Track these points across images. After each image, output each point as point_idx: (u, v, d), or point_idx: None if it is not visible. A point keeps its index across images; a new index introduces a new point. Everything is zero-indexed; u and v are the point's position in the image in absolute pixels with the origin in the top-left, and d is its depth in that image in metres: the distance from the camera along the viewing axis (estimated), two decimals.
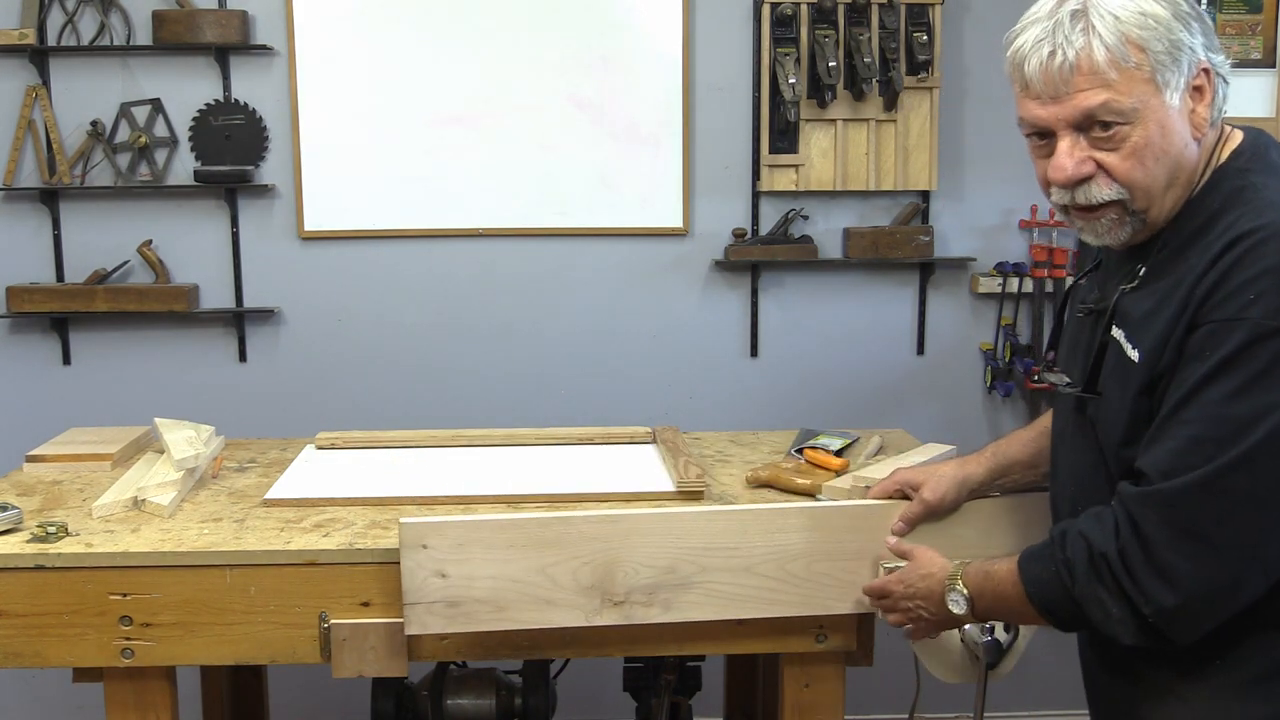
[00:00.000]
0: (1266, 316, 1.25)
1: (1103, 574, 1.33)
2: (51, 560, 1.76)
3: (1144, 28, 1.33)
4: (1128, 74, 1.33)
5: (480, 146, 3.04)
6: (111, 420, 2.78)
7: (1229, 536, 1.27)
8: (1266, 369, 1.24)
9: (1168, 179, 1.38)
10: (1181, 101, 1.35)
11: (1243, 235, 1.29)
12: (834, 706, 1.92)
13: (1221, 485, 1.26)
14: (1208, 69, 1.36)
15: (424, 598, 1.74)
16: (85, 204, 3.02)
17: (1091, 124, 1.37)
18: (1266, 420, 1.24)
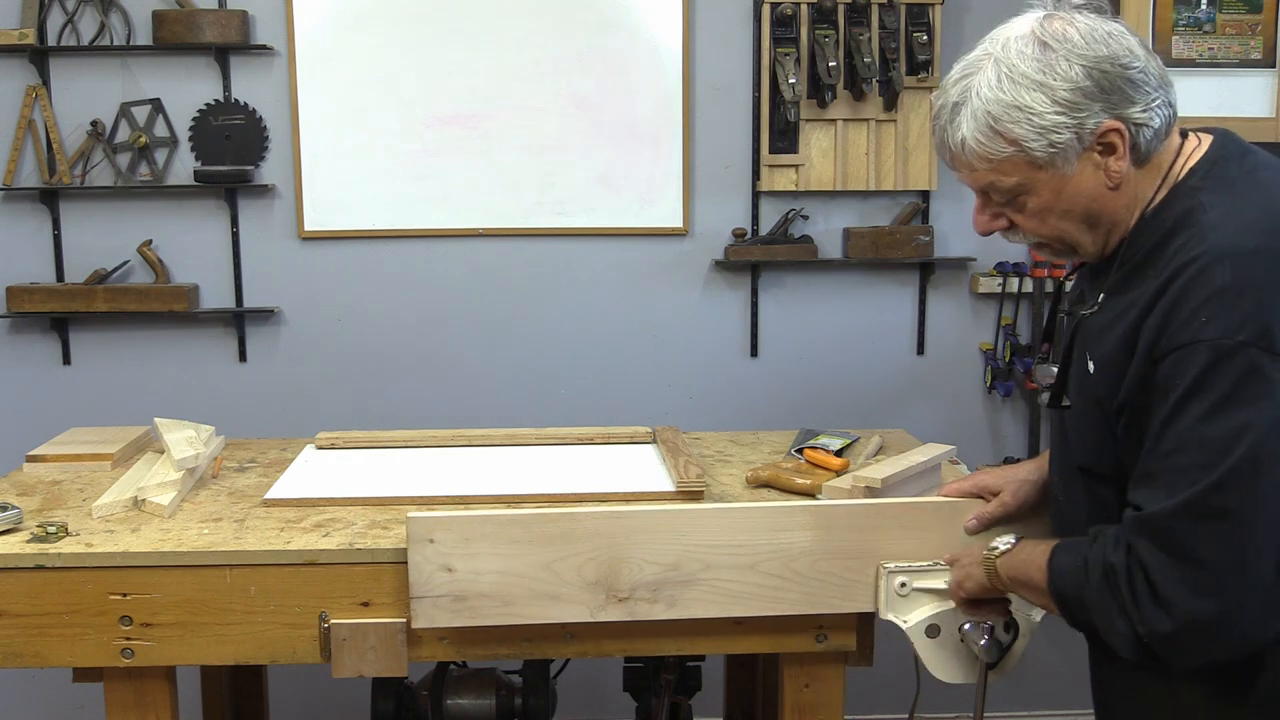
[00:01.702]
0: (1223, 335, 1.26)
1: (1111, 586, 1.35)
2: (51, 560, 1.76)
3: (1014, 121, 1.38)
4: (1002, 162, 1.41)
5: (480, 146, 3.04)
6: (111, 420, 2.78)
7: (1221, 559, 1.28)
8: (1234, 387, 1.26)
9: (1084, 226, 1.45)
10: (1083, 165, 1.40)
11: (1187, 263, 1.32)
12: (834, 706, 1.92)
13: (1210, 508, 1.27)
14: (1115, 128, 1.38)
15: (430, 592, 1.74)
16: (85, 204, 3.02)
17: (990, 193, 1.46)
18: (1243, 438, 1.25)
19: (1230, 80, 2.89)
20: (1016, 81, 1.38)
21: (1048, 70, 1.37)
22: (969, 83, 1.42)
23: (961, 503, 1.83)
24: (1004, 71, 1.39)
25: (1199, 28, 2.87)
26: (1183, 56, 2.87)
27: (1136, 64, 1.38)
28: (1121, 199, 1.42)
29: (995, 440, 3.22)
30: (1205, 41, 2.88)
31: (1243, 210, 1.34)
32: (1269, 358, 1.25)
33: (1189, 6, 2.86)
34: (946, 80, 1.47)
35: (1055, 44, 1.38)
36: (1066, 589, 1.43)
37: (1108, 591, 1.35)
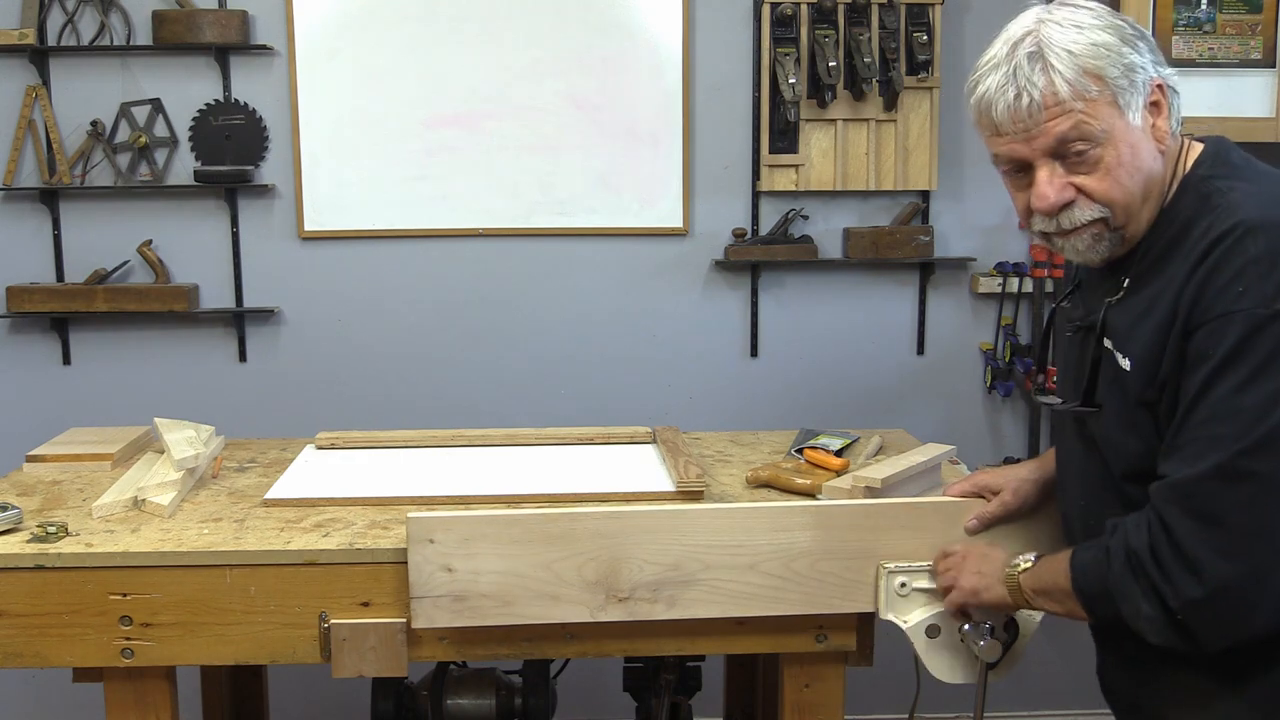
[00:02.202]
0: (1259, 305, 1.27)
1: (1135, 569, 1.35)
2: (51, 560, 1.76)
3: (1098, 57, 1.40)
4: (1091, 101, 1.40)
5: (480, 146, 3.04)
6: (111, 420, 2.78)
7: (1251, 523, 1.28)
8: (1270, 355, 1.27)
9: (1143, 193, 1.44)
10: (1143, 119, 1.43)
11: (1222, 235, 1.33)
12: (834, 706, 1.92)
13: (1239, 472, 1.27)
14: (1161, 84, 1.44)
15: (430, 592, 1.74)
16: (85, 204, 3.02)
17: (1066, 151, 1.43)
18: (1278, 406, 1.26)
19: (1230, 80, 2.89)
20: (1085, 28, 1.41)
21: (1104, 18, 1.43)
22: (1038, 38, 1.41)
23: (962, 502, 1.83)
24: (1070, 22, 1.42)
25: (1199, 28, 2.87)
26: (1183, 56, 2.87)
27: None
28: (1163, 171, 1.45)
29: (995, 440, 3.22)
30: (1205, 41, 2.88)
31: (1263, 189, 1.37)
32: None
33: (1189, 6, 2.86)
34: (992, 57, 1.45)
35: (1094, 6, 1.44)
36: (1090, 585, 1.43)
37: (1131, 575, 1.35)
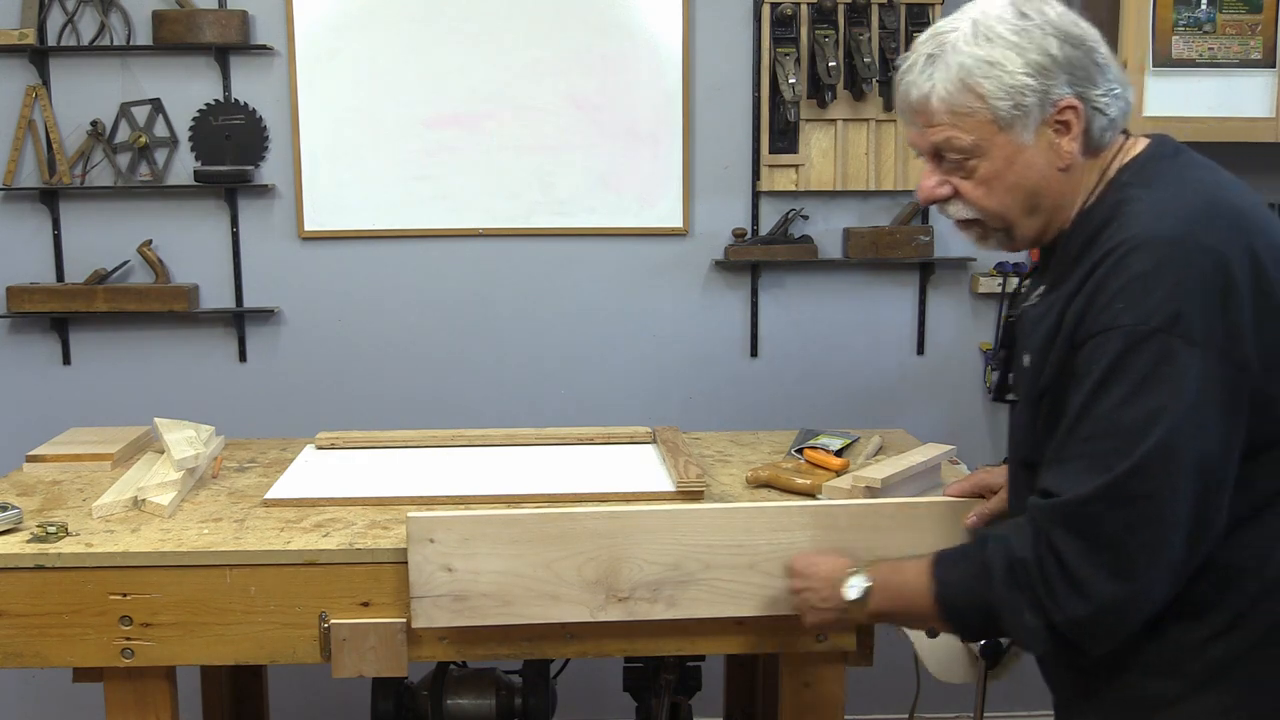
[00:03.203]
0: (1138, 321, 1.29)
1: (1020, 581, 1.36)
2: (51, 560, 1.76)
3: (986, 75, 1.41)
4: (965, 116, 1.43)
5: (480, 146, 3.04)
6: (111, 420, 2.78)
7: (1134, 544, 1.30)
8: (1148, 372, 1.28)
9: (1025, 206, 1.46)
10: (1038, 138, 1.43)
11: (1109, 251, 1.35)
12: (834, 706, 1.92)
13: (1122, 494, 1.29)
14: (1073, 105, 1.42)
15: (430, 591, 1.74)
16: (85, 204, 3.02)
17: (944, 155, 1.47)
18: (1157, 424, 1.28)
19: (1230, 80, 2.89)
20: (992, 40, 1.42)
21: (1023, 34, 1.41)
22: (945, 38, 1.45)
23: (961, 502, 1.83)
24: (981, 30, 1.43)
25: (1199, 28, 2.87)
26: (1183, 56, 2.87)
27: (1103, 51, 1.45)
28: (1066, 185, 1.46)
29: (995, 440, 3.22)
30: (1205, 41, 2.87)
31: (1166, 201, 1.37)
32: (1182, 344, 1.27)
33: (1189, 6, 2.86)
34: (918, 40, 1.50)
35: (1033, 14, 1.43)
36: (958, 600, 1.44)
37: (1016, 588, 1.36)
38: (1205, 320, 1.28)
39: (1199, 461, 1.28)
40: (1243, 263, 1.31)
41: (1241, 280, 1.30)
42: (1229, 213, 1.35)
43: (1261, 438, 1.32)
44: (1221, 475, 1.31)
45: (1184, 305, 1.28)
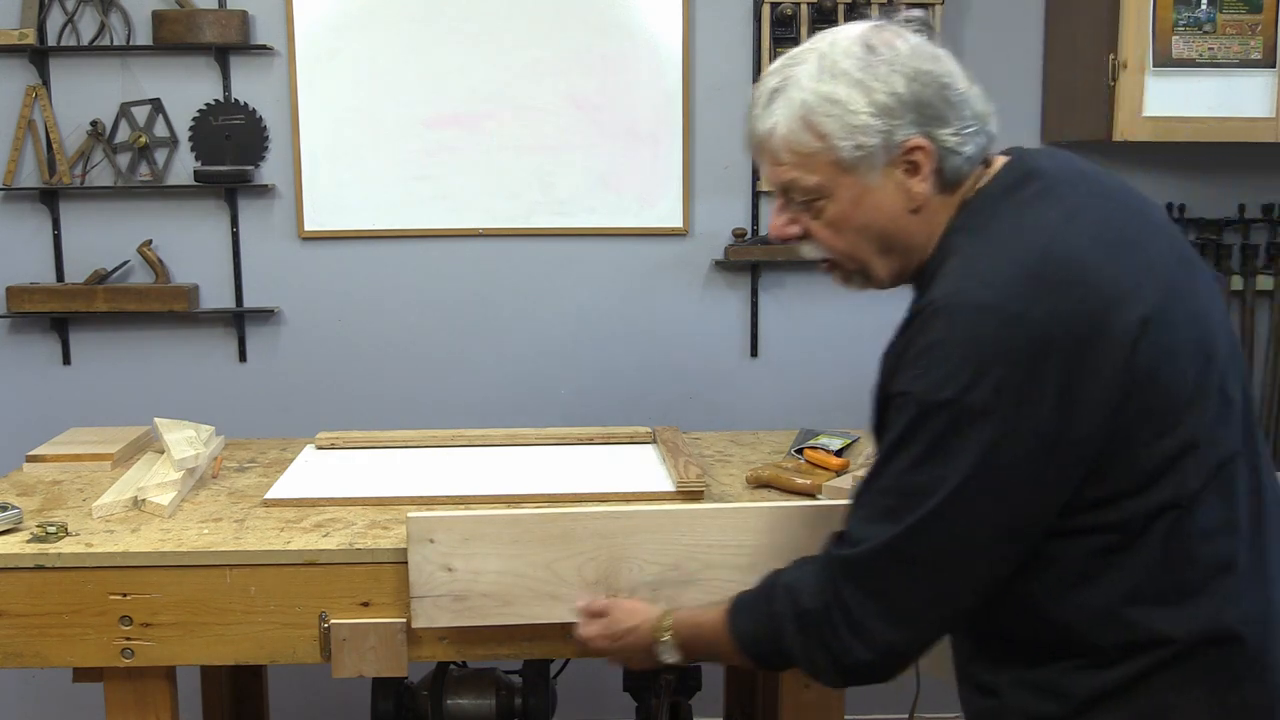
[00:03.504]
0: (930, 390, 1.28)
1: (808, 629, 1.39)
2: (51, 560, 1.76)
3: (827, 114, 1.36)
4: (807, 157, 1.39)
5: (480, 146, 3.04)
6: (111, 420, 2.78)
7: (912, 599, 1.34)
8: (936, 441, 1.28)
9: (877, 248, 1.43)
10: (885, 179, 1.38)
11: (923, 307, 1.33)
12: (834, 706, 1.92)
13: (903, 552, 1.32)
14: (922, 146, 1.37)
15: (430, 591, 1.74)
16: (85, 204, 3.02)
17: (790, 193, 1.43)
18: (939, 491, 1.28)
19: (1230, 80, 2.89)
20: (836, 76, 1.37)
21: (869, 71, 1.36)
22: (790, 72, 1.41)
23: None
24: (826, 65, 1.39)
25: (1199, 28, 2.87)
26: (1183, 56, 2.87)
27: (957, 88, 1.38)
28: (920, 225, 1.41)
29: None
30: (1205, 41, 2.87)
31: (980, 259, 1.33)
32: (968, 415, 1.26)
33: (1189, 6, 2.86)
34: (768, 69, 1.46)
35: (882, 49, 1.38)
36: (759, 648, 1.48)
37: (804, 636, 1.40)
38: (999, 392, 1.24)
39: (974, 529, 1.29)
40: (1058, 329, 1.25)
41: (1054, 348, 1.24)
42: (1056, 271, 1.28)
43: (1098, 495, 1.29)
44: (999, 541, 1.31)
45: (976, 375, 1.25)
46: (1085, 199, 1.38)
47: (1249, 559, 1.33)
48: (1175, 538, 1.29)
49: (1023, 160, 1.43)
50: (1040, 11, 3.14)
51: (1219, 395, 1.32)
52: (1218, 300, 1.42)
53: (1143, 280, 1.30)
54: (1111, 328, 1.26)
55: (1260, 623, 1.33)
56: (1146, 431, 1.28)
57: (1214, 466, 1.30)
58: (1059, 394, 1.25)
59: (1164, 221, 1.44)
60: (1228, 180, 3.20)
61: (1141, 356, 1.27)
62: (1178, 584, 1.30)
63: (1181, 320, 1.31)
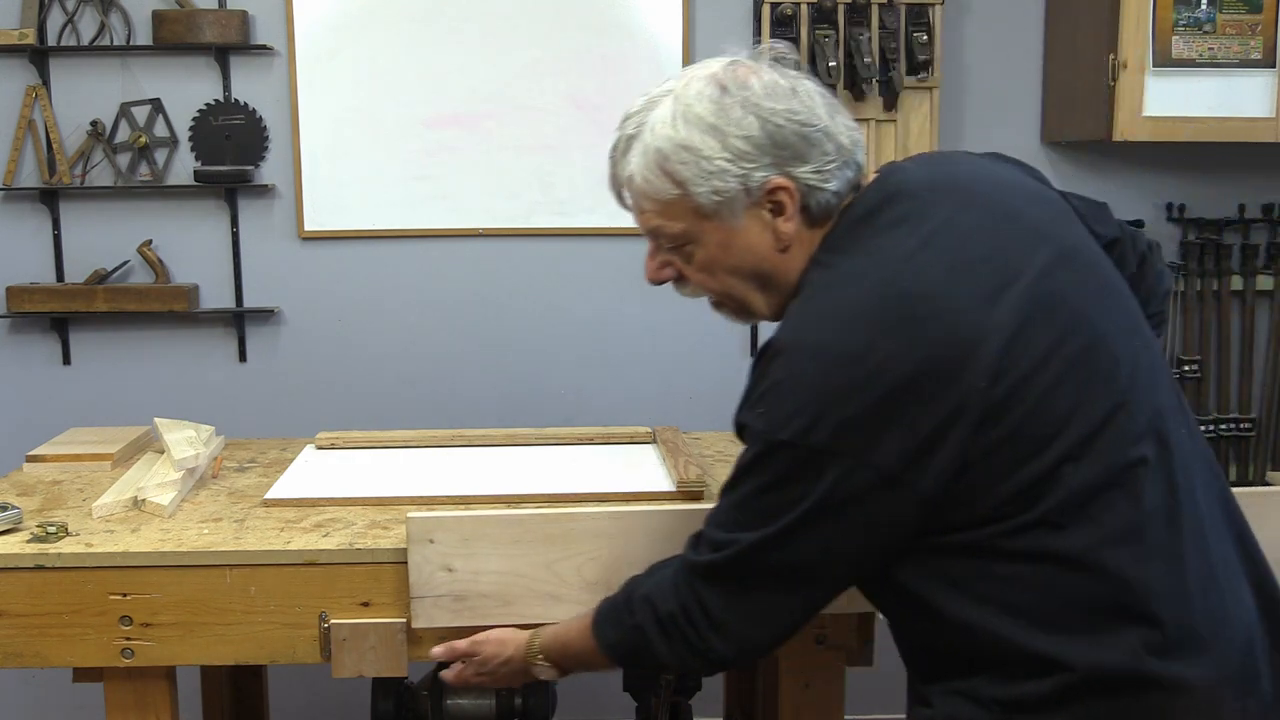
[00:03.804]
0: (769, 429, 1.29)
1: (671, 633, 1.42)
2: (51, 560, 1.76)
3: (683, 161, 1.36)
4: (668, 204, 1.39)
5: (480, 146, 3.04)
6: (111, 420, 2.77)
7: (763, 603, 1.38)
8: (780, 476, 1.30)
9: (753, 285, 1.43)
10: (750, 220, 1.38)
11: (768, 345, 1.34)
12: (834, 706, 1.92)
13: (750, 564, 1.35)
14: (784, 186, 1.36)
15: (430, 592, 1.74)
16: (85, 204, 3.02)
17: (658, 239, 1.44)
18: (783, 517, 1.30)
19: (1230, 80, 2.89)
20: (690, 122, 1.36)
21: (722, 115, 1.35)
22: (645, 118, 1.41)
23: None
24: (680, 110, 1.37)
25: (1199, 28, 2.87)
26: (1183, 56, 2.87)
27: (815, 124, 1.36)
28: (793, 261, 1.40)
29: None
30: (1205, 41, 2.87)
31: (824, 297, 1.33)
32: (810, 455, 1.27)
33: (1189, 6, 2.86)
34: (628, 111, 1.45)
35: (735, 90, 1.36)
36: (629, 657, 1.52)
37: (668, 639, 1.43)
38: (839, 433, 1.25)
39: (815, 555, 1.32)
40: (901, 369, 1.24)
41: (896, 388, 1.23)
42: (901, 308, 1.26)
43: (957, 522, 1.28)
44: (840, 565, 1.34)
45: (815, 416, 1.25)
46: (952, 214, 1.35)
47: (1166, 581, 1.26)
48: (1051, 560, 1.26)
49: (885, 182, 1.41)
50: (1040, 11, 3.14)
51: (1108, 403, 1.28)
52: (1112, 294, 1.38)
53: (1004, 304, 1.27)
54: (962, 366, 1.24)
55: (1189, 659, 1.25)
56: (1006, 462, 1.26)
57: (1098, 482, 1.26)
58: (903, 434, 1.24)
59: (1044, 216, 1.40)
60: (1228, 180, 3.20)
61: (999, 392, 1.24)
62: (1064, 608, 1.26)
63: (1053, 337, 1.28)
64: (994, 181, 1.43)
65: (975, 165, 1.48)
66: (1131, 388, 1.30)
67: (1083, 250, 1.39)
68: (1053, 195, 1.49)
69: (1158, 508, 1.28)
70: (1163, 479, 1.29)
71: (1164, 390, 1.36)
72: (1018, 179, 1.48)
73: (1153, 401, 1.32)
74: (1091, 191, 3.16)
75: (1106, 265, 1.42)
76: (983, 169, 1.47)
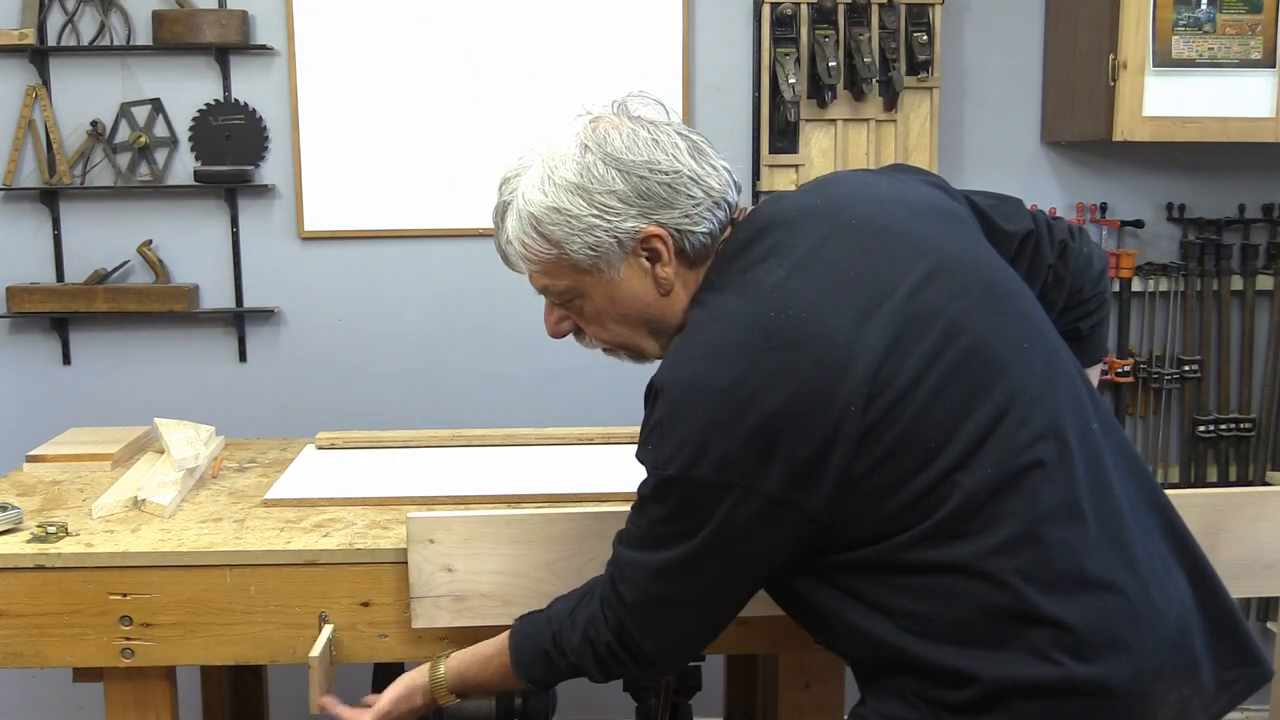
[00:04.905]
0: (658, 465, 1.34)
1: (608, 662, 1.47)
2: (51, 560, 1.76)
3: (554, 223, 1.41)
4: (549, 263, 1.44)
5: (480, 146, 3.04)
6: (111, 420, 2.78)
7: (678, 625, 1.44)
8: (675, 508, 1.34)
9: (645, 331, 1.48)
10: (630, 270, 1.42)
11: (650, 384, 1.39)
12: (834, 706, 1.92)
13: (664, 596, 1.40)
14: (656, 234, 1.40)
15: (430, 592, 1.74)
16: (85, 204, 3.02)
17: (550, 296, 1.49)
18: (681, 545, 1.35)
19: (1230, 80, 2.89)
20: (557, 184, 1.41)
21: (585, 173, 1.40)
22: (516, 184, 1.47)
23: None
24: (546, 173, 1.43)
25: (1199, 28, 2.87)
26: (1183, 56, 2.87)
27: (678, 169, 1.40)
28: (677, 304, 1.44)
29: None
30: (1205, 41, 2.88)
31: (698, 333, 1.36)
32: (695, 485, 1.30)
33: (1189, 6, 2.86)
34: (504, 176, 1.51)
35: (595, 147, 1.41)
36: (552, 684, 1.59)
37: (605, 667, 1.49)
38: (723, 465, 1.28)
39: (715, 576, 1.37)
40: (774, 398, 1.26)
41: (771, 416, 1.26)
42: (770, 338, 1.29)
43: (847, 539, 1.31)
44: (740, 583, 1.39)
45: (698, 450, 1.29)
46: (821, 239, 1.37)
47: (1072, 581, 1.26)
48: (947, 570, 1.27)
49: (758, 215, 1.44)
50: (1040, 11, 3.14)
51: (993, 409, 1.29)
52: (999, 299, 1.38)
53: (873, 323, 1.29)
54: (833, 390, 1.26)
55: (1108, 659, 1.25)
56: (891, 478, 1.27)
57: (989, 488, 1.27)
58: (784, 460, 1.27)
59: (926, 231, 1.40)
60: (1228, 180, 3.20)
61: (875, 412, 1.26)
62: (965, 619, 1.27)
63: (929, 350, 1.29)
64: (872, 200, 1.44)
65: (855, 185, 1.49)
66: (1020, 391, 1.31)
67: (966, 260, 1.39)
68: (946, 205, 1.49)
69: (1058, 508, 1.28)
70: (1064, 478, 1.29)
71: (1064, 389, 1.36)
72: (905, 193, 1.48)
73: (1050, 402, 1.33)
74: (1092, 191, 3.19)
75: (996, 271, 1.42)
76: (863, 189, 1.48)
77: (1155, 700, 1.27)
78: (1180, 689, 1.29)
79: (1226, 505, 1.81)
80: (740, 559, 1.35)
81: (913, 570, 1.29)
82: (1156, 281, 3.20)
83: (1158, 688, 1.27)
